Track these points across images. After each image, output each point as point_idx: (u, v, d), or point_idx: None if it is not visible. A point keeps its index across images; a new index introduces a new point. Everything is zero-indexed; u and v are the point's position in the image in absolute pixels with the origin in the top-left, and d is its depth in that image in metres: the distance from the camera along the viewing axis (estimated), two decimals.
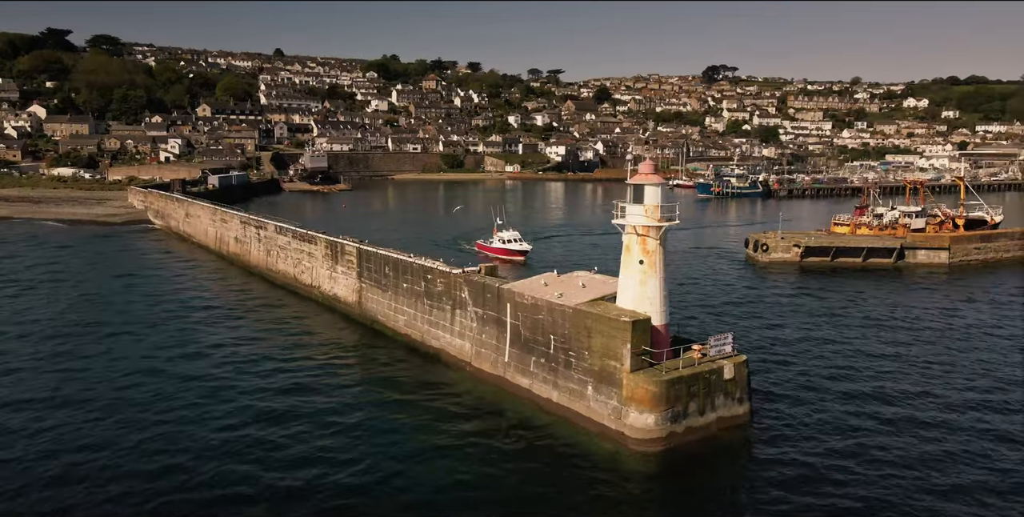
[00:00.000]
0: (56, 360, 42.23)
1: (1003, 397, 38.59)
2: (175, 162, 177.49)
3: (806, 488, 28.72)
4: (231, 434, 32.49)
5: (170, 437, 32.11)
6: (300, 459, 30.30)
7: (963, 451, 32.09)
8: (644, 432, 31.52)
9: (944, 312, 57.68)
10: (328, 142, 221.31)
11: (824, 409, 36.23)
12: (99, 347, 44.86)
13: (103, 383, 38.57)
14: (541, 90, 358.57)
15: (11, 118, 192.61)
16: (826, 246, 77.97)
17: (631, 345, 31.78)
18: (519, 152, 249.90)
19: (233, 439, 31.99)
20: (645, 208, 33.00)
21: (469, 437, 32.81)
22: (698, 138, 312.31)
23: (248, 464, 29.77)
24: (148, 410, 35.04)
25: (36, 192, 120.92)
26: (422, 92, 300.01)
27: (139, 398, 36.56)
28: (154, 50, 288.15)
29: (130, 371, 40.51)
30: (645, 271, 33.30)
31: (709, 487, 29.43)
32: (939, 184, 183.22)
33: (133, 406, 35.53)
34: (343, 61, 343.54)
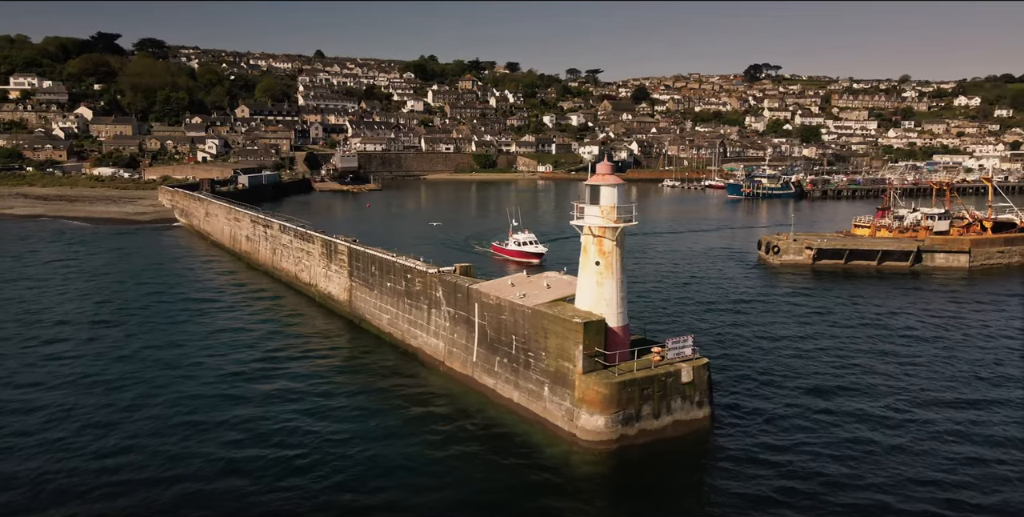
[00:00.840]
0: (47, 346, 43.94)
1: (981, 397, 37.42)
2: (211, 162, 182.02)
3: (756, 496, 28.30)
4: (189, 416, 33.45)
5: (133, 407, 33.25)
6: (254, 438, 31.06)
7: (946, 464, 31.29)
8: (594, 434, 31.45)
9: (945, 316, 56.00)
10: (361, 142, 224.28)
11: (792, 416, 35.58)
12: (85, 335, 46.49)
13: (82, 364, 40.06)
14: (578, 90, 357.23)
15: (59, 119, 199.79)
16: (839, 248, 76.34)
17: (583, 346, 31.73)
18: (552, 152, 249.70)
19: (186, 418, 32.95)
20: (601, 209, 32.86)
21: (427, 434, 33.16)
22: (736, 138, 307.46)
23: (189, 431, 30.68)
24: (127, 390, 36.30)
25: (73, 191, 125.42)
26: (458, 92, 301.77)
27: (114, 379, 37.87)
28: (198, 53, 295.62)
29: (111, 357, 41.96)
30: (601, 272, 33.19)
31: (657, 490, 29.13)
32: (971, 185, 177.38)
33: (113, 385, 36.81)
34: (382, 62, 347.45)
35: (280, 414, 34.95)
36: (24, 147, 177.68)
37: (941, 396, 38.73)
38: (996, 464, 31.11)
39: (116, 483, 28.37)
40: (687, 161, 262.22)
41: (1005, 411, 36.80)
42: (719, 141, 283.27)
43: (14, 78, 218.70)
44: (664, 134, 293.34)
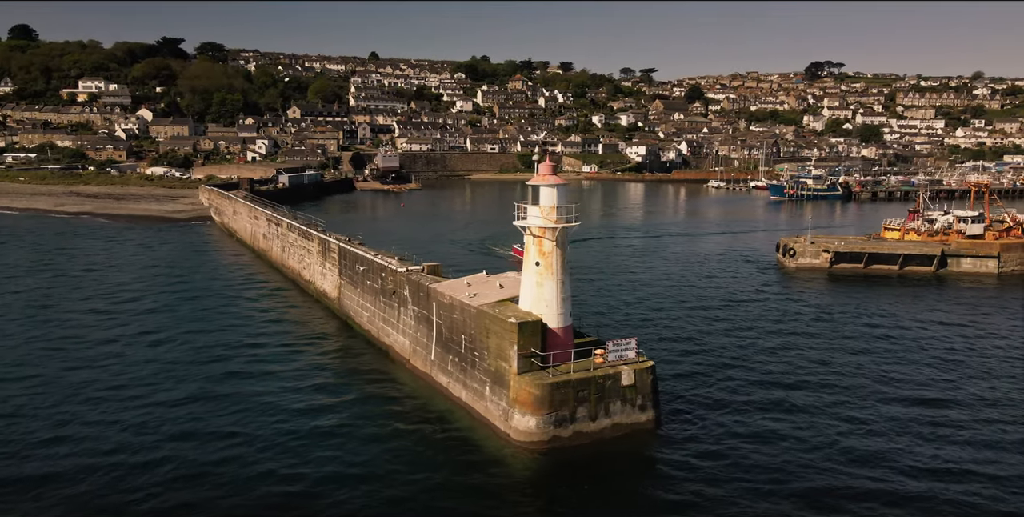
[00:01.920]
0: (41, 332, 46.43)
1: (951, 413, 35.92)
2: (259, 162, 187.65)
3: (682, 503, 27.87)
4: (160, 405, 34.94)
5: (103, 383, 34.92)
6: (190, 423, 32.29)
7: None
8: (526, 435, 31.52)
9: (951, 323, 53.75)
10: (407, 142, 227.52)
11: (746, 426, 34.59)
12: (74, 324, 48.88)
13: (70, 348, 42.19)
14: (630, 90, 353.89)
15: (121, 121, 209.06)
16: (857, 252, 73.94)
17: (518, 347, 31.82)
18: (598, 152, 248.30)
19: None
20: (541, 209, 32.89)
21: (372, 429, 33.73)
22: (792, 138, 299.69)
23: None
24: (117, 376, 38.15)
25: (123, 189, 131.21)
26: (507, 92, 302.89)
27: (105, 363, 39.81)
28: (256, 56, 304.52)
29: (94, 345, 44.03)
30: (541, 273, 33.21)
31: (584, 493, 28.83)
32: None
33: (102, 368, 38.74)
34: (435, 63, 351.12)
35: (231, 405, 36.09)
36: (87, 147, 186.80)
37: (917, 409, 37.36)
38: (969, 475, 29.93)
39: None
40: (738, 161, 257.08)
41: (978, 424, 35.26)
42: (772, 141, 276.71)
43: (83, 82, 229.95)
44: (715, 134, 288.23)
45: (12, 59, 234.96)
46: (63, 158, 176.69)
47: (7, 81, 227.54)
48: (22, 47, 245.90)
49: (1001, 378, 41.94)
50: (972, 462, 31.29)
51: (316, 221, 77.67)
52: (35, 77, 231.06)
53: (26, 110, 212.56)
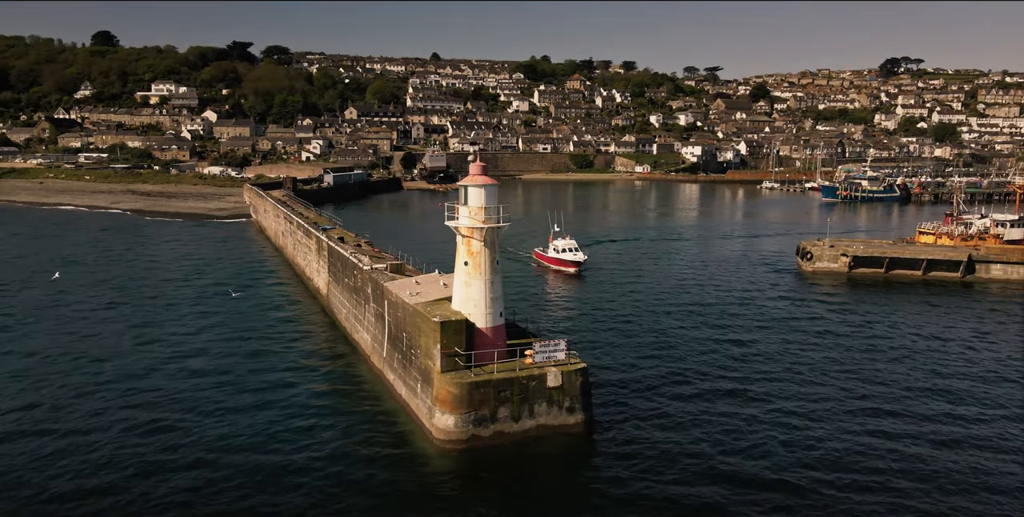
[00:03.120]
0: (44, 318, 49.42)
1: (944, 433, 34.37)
2: (313, 161, 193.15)
3: (600, 505, 27.74)
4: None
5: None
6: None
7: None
8: (446, 433, 31.81)
9: (943, 338, 51.15)
10: (459, 142, 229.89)
11: (690, 436, 33.75)
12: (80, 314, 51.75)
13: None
14: (691, 89, 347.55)
15: (187, 122, 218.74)
16: (877, 256, 71.00)
17: (441, 345, 32.16)
18: (652, 152, 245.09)
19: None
20: (469, 209, 33.12)
21: (310, 420, 34.69)
22: (860, 137, 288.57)
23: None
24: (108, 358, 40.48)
25: (175, 188, 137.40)
26: (564, 92, 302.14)
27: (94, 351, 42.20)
28: (320, 58, 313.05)
29: (84, 334, 46.60)
30: (469, 272, 33.43)
31: (496, 494, 28.88)
32: None
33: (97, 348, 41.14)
34: (495, 63, 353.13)
35: (183, 391, 37.68)
36: (154, 148, 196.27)
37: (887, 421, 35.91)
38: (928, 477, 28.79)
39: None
40: (799, 162, 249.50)
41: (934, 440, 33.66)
42: (837, 140, 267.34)
43: (155, 85, 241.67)
44: (777, 133, 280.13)
45: (93, 64, 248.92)
46: (131, 158, 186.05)
47: (87, 85, 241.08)
48: (102, 52, 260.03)
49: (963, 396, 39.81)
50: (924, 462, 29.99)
51: (334, 218, 79.92)
52: (112, 81, 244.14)
53: (102, 112, 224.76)
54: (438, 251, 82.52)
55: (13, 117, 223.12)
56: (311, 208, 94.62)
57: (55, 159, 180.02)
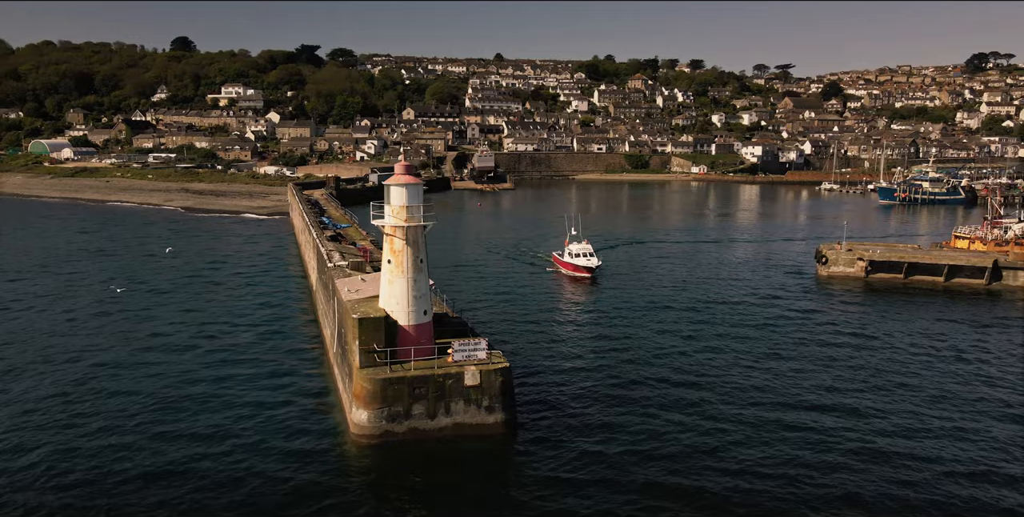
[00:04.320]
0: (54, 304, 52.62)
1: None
2: (366, 161, 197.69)
3: (509, 503, 27.93)
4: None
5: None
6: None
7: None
8: (359, 428, 32.40)
9: (936, 351, 48.48)
10: (514, 142, 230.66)
11: (621, 435, 33.45)
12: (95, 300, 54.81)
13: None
14: (759, 87, 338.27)
15: (252, 123, 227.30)
16: (895, 261, 67.80)
17: (360, 342, 32.79)
18: (711, 152, 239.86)
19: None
20: (392, 209, 33.59)
21: (245, 410, 35.92)
22: (938, 137, 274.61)
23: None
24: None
25: (227, 186, 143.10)
26: (624, 92, 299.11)
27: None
28: (384, 60, 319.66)
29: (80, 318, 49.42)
30: (392, 271, 33.88)
31: (400, 489, 29.20)
32: None
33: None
34: (559, 63, 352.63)
35: (128, 376, 39.57)
36: (219, 148, 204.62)
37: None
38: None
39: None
40: (868, 162, 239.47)
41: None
42: (910, 140, 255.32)
43: (225, 88, 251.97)
44: (846, 133, 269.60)
45: (169, 68, 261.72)
46: (197, 158, 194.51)
47: (163, 88, 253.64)
48: (178, 57, 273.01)
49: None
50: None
51: (353, 217, 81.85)
52: (186, 84, 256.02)
53: (175, 114, 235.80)
54: (450, 249, 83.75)
55: (95, 119, 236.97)
56: (339, 207, 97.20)
57: (127, 159, 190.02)
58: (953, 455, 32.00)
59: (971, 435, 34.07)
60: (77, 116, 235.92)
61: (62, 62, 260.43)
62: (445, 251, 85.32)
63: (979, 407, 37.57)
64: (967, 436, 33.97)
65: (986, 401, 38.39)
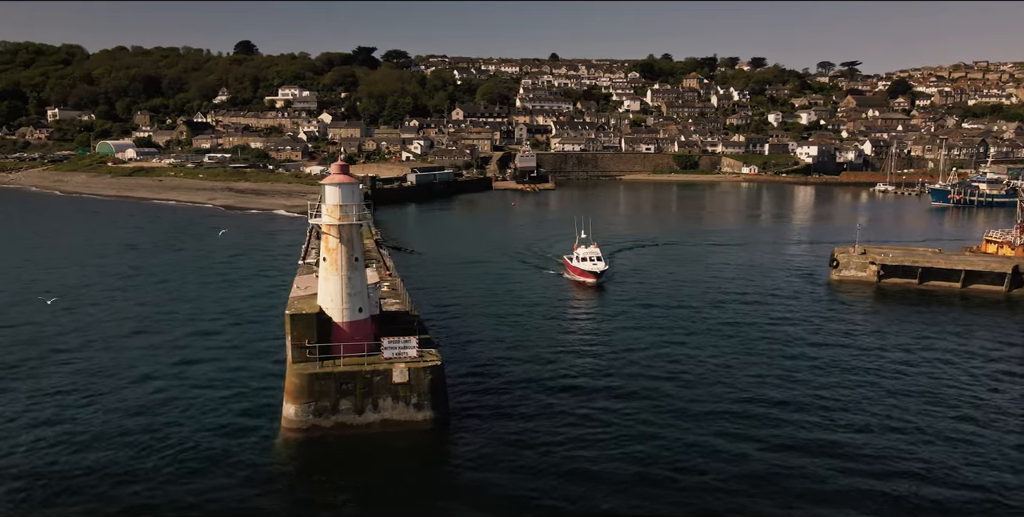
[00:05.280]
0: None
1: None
2: (412, 161, 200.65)
3: (413, 505, 28.25)
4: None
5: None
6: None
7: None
8: (287, 421, 33.16)
9: (918, 363, 46.26)
10: (560, 142, 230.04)
11: (559, 438, 33.29)
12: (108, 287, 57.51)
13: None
14: (820, 85, 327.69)
15: (305, 124, 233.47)
16: (909, 266, 64.96)
17: (291, 337, 33.58)
18: (764, 153, 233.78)
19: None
20: (326, 207, 34.21)
21: (194, 403, 37.19)
22: (1012, 136, 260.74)
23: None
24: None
25: (269, 186, 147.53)
26: (678, 91, 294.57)
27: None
28: (437, 61, 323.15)
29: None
30: (327, 268, 34.51)
31: (323, 483, 29.78)
32: None
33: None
34: (614, 62, 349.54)
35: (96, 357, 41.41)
36: (271, 148, 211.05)
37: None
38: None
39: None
40: (932, 162, 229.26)
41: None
42: (980, 140, 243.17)
43: (282, 90, 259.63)
44: (911, 132, 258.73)
45: (231, 71, 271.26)
46: (250, 158, 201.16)
47: (224, 90, 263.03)
48: (240, 60, 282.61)
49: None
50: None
51: (367, 213, 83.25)
52: (246, 86, 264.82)
53: (233, 116, 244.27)
54: (465, 247, 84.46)
55: (160, 121, 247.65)
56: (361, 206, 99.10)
57: (184, 159, 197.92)
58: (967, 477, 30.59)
59: (980, 451, 32.48)
60: (144, 118, 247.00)
61: (133, 66, 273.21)
62: (459, 248, 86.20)
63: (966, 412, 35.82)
64: (973, 451, 32.42)
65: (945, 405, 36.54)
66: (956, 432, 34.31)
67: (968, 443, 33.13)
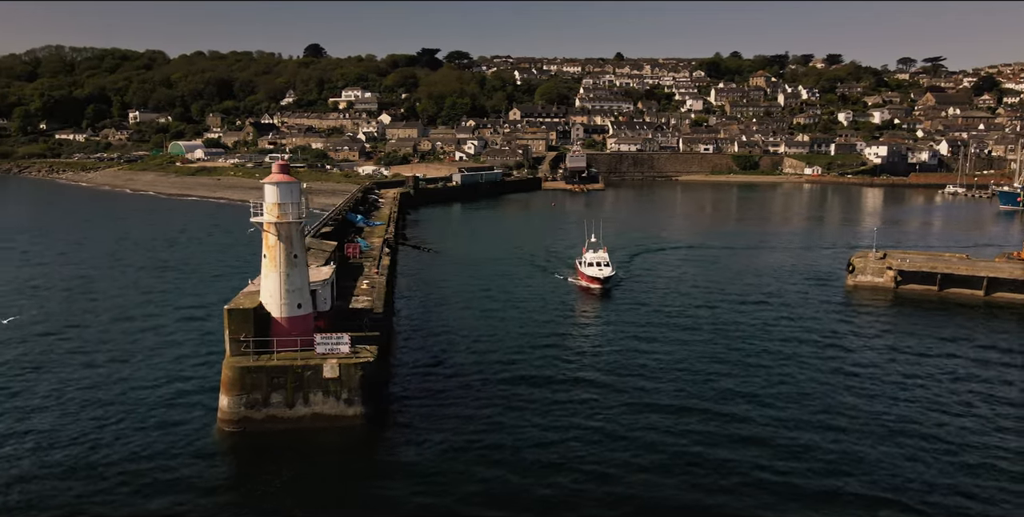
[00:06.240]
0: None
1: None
2: (465, 161, 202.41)
3: (338, 499, 28.70)
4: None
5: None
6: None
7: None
8: (221, 412, 34.18)
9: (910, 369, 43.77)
10: (616, 143, 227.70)
11: (482, 435, 33.47)
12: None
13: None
14: (899, 82, 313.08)
15: (364, 125, 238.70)
16: (928, 272, 61.60)
17: (229, 331, 34.55)
18: (829, 153, 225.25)
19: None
20: (266, 206, 35.04)
21: (139, 392, 38.75)
22: None
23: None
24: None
25: (319, 185, 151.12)
26: (743, 90, 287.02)
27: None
28: (500, 61, 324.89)
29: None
30: (267, 265, 35.36)
31: (248, 474, 30.68)
32: None
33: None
34: (680, 61, 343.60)
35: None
36: (330, 149, 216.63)
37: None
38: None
39: None
40: (1015, 163, 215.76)
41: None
42: None
43: (345, 91, 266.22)
44: (993, 132, 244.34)
45: (298, 74, 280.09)
46: (309, 158, 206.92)
47: (291, 93, 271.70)
48: (307, 63, 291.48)
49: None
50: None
51: (382, 215, 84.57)
52: (311, 88, 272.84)
53: (298, 117, 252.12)
54: (481, 247, 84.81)
55: (230, 123, 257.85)
56: (383, 206, 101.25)
57: (247, 159, 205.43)
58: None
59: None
60: (215, 119, 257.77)
61: (208, 70, 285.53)
62: (480, 248, 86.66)
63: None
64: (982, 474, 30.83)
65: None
66: (958, 451, 32.43)
67: (981, 469, 31.21)
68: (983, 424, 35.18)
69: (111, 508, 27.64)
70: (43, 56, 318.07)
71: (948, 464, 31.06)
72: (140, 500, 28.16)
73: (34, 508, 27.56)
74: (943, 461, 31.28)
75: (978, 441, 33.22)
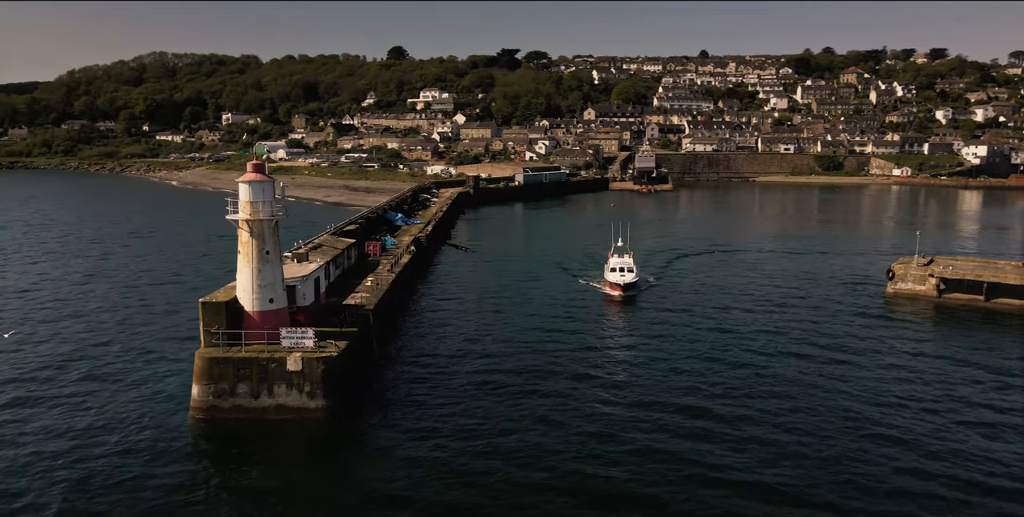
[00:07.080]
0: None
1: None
2: (535, 161, 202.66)
3: (288, 493, 29.44)
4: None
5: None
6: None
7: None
8: (193, 401, 35.58)
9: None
10: (692, 142, 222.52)
11: (461, 437, 33.61)
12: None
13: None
14: (1007, 78, 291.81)
15: (439, 125, 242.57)
16: (972, 280, 57.37)
17: (203, 323, 35.97)
18: (922, 153, 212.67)
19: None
20: (240, 204, 36.22)
21: (132, 376, 40.79)
22: None
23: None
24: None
25: (385, 184, 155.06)
26: (832, 87, 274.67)
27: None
28: (579, 60, 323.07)
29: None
30: (241, 261, 36.54)
31: (212, 458, 31.95)
32: None
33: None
34: (768, 58, 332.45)
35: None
36: (405, 149, 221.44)
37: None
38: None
39: None
40: None
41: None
42: None
43: (423, 92, 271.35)
44: None
45: (379, 76, 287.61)
46: (384, 158, 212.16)
47: (371, 94, 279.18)
48: (389, 65, 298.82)
49: None
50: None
51: (414, 214, 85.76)
52: (391, 89, 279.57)
53: (377, 118, 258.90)
54: (518, 246, 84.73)
55: (313, 124, 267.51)
56: (433, 205, 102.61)
57: (324, 159, 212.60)
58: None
59: None
60: (300, 121, 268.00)
61: (296, 73, 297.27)
62: (518, 248, 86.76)
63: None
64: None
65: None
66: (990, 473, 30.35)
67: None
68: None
69: (81, 472, 29.77)
70: (148, 62, 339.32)
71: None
72: (104, 470, 30.11)
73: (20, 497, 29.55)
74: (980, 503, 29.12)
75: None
